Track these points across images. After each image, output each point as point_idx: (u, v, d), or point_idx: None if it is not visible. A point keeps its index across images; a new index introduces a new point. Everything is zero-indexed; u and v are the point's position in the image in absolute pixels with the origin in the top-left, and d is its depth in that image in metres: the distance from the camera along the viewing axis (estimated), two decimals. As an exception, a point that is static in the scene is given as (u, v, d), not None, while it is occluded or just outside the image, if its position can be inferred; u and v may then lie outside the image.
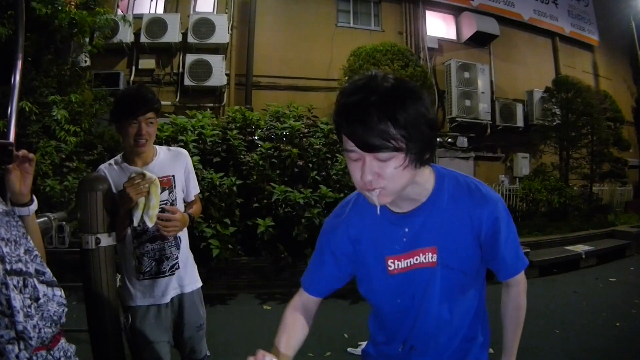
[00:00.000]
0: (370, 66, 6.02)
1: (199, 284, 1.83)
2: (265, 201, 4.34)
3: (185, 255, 1.78)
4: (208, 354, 1.87)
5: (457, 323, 1.02)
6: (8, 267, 0.87)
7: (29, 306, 0.89)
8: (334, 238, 1.05)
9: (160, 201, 1.63)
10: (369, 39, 7.57)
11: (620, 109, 9.20)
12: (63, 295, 0.99)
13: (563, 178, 7.82)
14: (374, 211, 0.93)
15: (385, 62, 6.09)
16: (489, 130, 8.40)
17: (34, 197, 1.13)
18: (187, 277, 1.77)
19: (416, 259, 0.97)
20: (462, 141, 8.15)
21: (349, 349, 2.93)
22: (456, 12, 8.75)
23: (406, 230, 0.97)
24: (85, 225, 1.66)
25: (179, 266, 1.75)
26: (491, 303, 1.08)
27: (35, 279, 0.93)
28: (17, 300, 0.86)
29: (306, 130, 4.81)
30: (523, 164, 8.64)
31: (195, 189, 1.85)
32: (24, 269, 0.91)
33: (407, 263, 0.98)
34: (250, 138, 4.79)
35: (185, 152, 1.83)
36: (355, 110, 0.78)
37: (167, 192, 1.71)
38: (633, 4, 10.50)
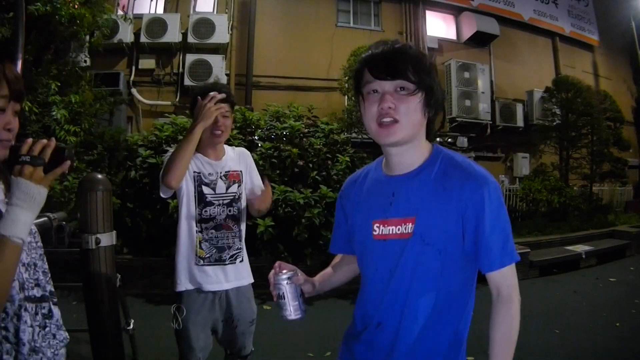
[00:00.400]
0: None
1: (252, 279, 1.84)
2: (265, 201, 4.34)
3: (244, 248, 1.81)
4: (253, 349, 1.88)
5: (424, 322, 0.95)
6: (26, 293, 0.87)
7: (38, 334, 0.89)
8: (344, 199, 1.15)
9: (230, 193, 1.75)
10: (369, 39, 7.56)
11: (620, 109, 9.19)
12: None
13: (563, 178, 7.81)
14: (377, 173, 1.06)
15: (385, 62, 6.08)
16: (489, 130, 8.41)
17: None
18: (244, 270, 1.80)
19: (398, 229, 0.97)
20: (462, 141, 8.15)
21: (349, 349, 2.93)
22: (456, 12, 8.75)
23: (392, 194, 0.99)
24: (85, 225, 1.67)
25: (241, 258, 1.77)
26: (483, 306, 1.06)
27: (51, 302, 0.93)
28: (26, 333, 0.86)
29: (306, 130, 4.81)
30: (523, 164, 8.64)
31: (258, 180, 1.89)
32: (38, 294, 0.91)
33: (388, 230, 0.98)
34: (250, 138, 4.79)
35: (247, 151, 1.93)
36: (386, 53, 0.95)
37: (236, 185, 1.78)
38: (633, 4, 10.50)
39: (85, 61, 5.38)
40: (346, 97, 6.72)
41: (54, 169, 0.85)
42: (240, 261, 1.77)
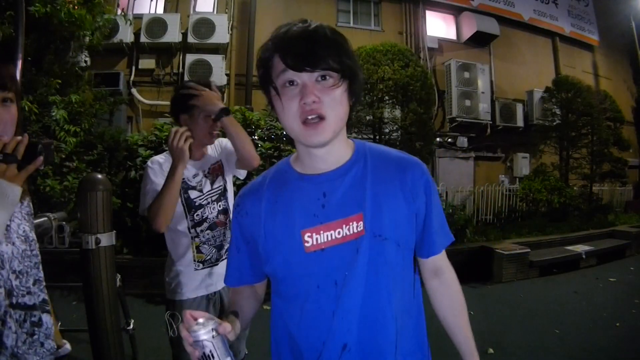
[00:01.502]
0: (370, 66, 6.01)
1: None
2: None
3: None
4: (247, 353, 1.85)
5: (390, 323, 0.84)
6: (14, 300, 0.86)
7: (23, 341, 0.88)
8: (243, 217, 0.93)
9: (217, 188, 1.71)
10: (369, 39, 7.57)
11: (620, 109, 9.17)
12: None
13: (563, 178, 7.81)
14: (289, 175, 0.90)
15: (385, 62, 6.07)
16: (489, 130, 8.41)
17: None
18: None
19: (338, 232, 0.82)
20: (462, 141, 8.16)
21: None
22: (456, 12, 8.75)
23: (323, 195, 0.85)
24: (85, 225, 1.67)
25: None
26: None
27: (41, 311, 0.92)
28: (10, 339, 0.85)
29: (306, 130, 4.80)
30: (523, 164, 8.64)
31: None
32: (29, 302, 0.90)
33: (325, 237, 0.83)
34: (250, 138, 4.79)
35: (219, 138, 1.83)
36: (300, 37, 0.78)
37: (220, 177, 1.75)
38: (633, 4, 10.50)
39: (85, 61, 5.37)
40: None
41: (27, 165, 0.84)
42: None
